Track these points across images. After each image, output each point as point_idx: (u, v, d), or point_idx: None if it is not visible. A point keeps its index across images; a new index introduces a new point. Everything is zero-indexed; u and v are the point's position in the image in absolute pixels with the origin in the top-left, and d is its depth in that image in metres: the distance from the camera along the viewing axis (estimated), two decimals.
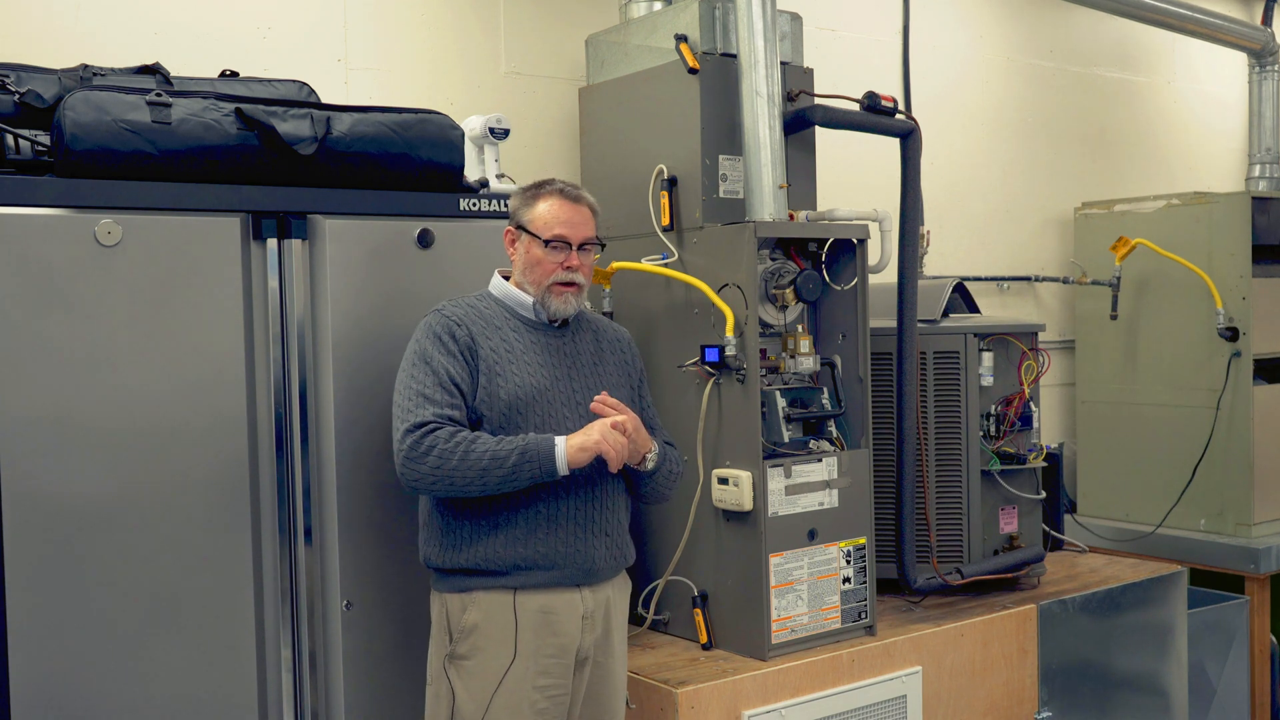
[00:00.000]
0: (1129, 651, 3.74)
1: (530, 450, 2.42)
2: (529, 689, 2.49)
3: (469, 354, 2.51)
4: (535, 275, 2.58)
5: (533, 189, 2.63)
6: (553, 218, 2.58)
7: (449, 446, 2.40)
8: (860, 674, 3.10)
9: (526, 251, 2.59)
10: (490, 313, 2.59)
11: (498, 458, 2.40)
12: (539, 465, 2.42)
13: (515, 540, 2.49)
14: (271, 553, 2.56)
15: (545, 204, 2.59)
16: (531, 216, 2.59)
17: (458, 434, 2.42)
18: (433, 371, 2.47)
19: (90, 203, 2.35)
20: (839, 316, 3.26)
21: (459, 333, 2.52)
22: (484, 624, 2.49)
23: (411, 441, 2.41)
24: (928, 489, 3.55)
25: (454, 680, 2.51)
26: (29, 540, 2.29)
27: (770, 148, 3.11)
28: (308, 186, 2.59)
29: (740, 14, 3.13)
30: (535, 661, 2.49)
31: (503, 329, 2.58)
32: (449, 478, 2.40)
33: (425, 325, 2.54)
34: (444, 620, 2.53)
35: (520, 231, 2.60)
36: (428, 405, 2.44)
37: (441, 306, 2.57)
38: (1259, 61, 5.33)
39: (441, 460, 2.39)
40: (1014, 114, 5.09)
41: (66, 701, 2.33)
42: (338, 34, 3.44)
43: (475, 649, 2.49)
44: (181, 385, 2.43)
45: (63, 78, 2.66)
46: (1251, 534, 4.59)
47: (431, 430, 2.41)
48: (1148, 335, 4.87)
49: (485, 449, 2.41)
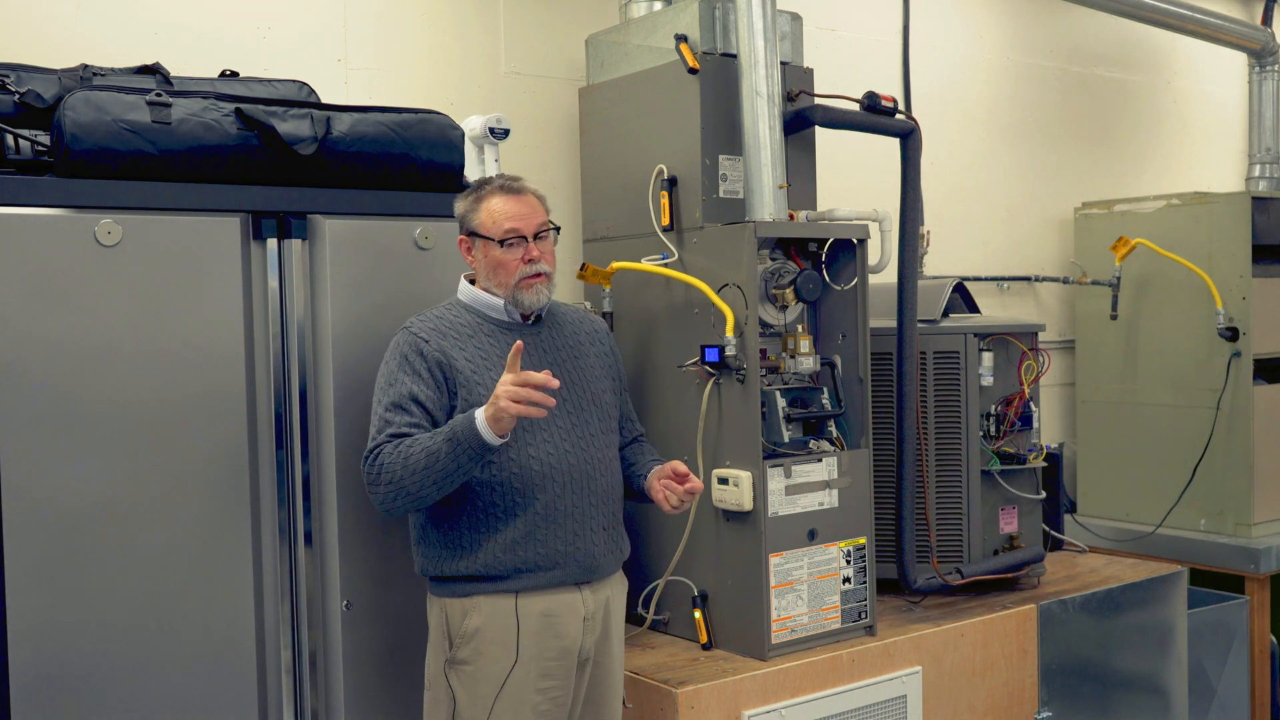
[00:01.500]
0: (1129, 651, 3.74)
1: (456, 433, 2.36)
2: (531, 692, 2.48)
3: (440, 369, 2.48)
4: (500, 277, 2.56)
5: (472, 193, 2.60)
6: (501, 214, 2.55)
7: (394, 459, 2.38)
8: (860, 674, 3.10)
9: (485, 255, 2.57)
10: (461, 321, 2.56)
11: (431, 452, 2.36)
12: (467, 444, 2.34)
13: (515, 543, 2.49)
14: (271, 553, 2.56)
15: (489, 204, 2.56)
16: (480, 220, 2.57)
17: (399, 444, 2.40)
18: (395, 393, 2.46)
19: (90, 203, 2.35)
20: (839, 316, 3.26)
21: (427, 349, 2.49)
22: (486, 628, 2.48)
23: (367, 467, 2.42)
24: (928, 489, 3.55)
25: (454, 685, 2.50)
26: (29, 540, 2.29)
27: (770, 148, 3.11)
28: (308, 186, 2.59)
29: (740, 14, 3.13)
30: (537, 664, 2.49)
31: (475, 336, 2.55)
32: (404, 490, 2.38)
33: (394, 346, 2.52)
34: (444, 625, 2.53)
35: (473, 238, 2.58)
36: (385, 429, 2.43)
37: (410, 324, 2.54)
38: (1259, 61, 5.34)
39: (390, 475, 2.38)
40: (1014, 114, 5.09)
41: (66, 701, 2.33)
42: (338, 34, 3.44)
43: (477, 653, 2.49)
44: (181, 385, 2.43)
45: (63, 78, 2.66)
46: (1251, 534, 4.59)
47: (378, 448, 2.41)
48: (1148, 335, 4.87)
49: (421, 448, 2.37)
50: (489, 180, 2.62)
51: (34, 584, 2.29)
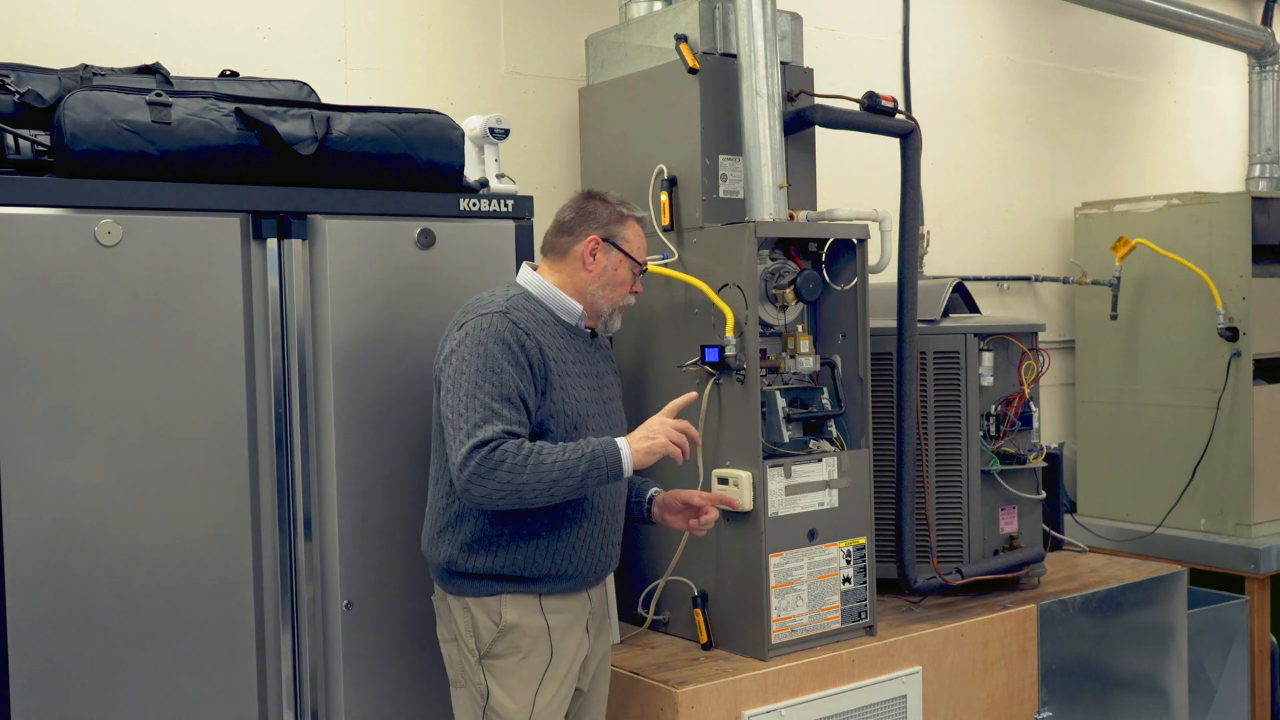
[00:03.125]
0: (1129, 651, 3.74)
1: (598, 457, 2.40)
2: (561, 687, 2.54)
3: (538, 367, 2.46)
4: (613, 293, 2.62)
5: (618, 208, 2.63)
6: (641, 245, 2.66)
7: (518, 460, 2.34)
8: (860, 674, 3.10)
9: (615, 269, 2.60)
10: (542, 316, 2.55)
11: (567, 467, 2.37)
12: (605, 471, 2.40)
13: (552, 551, 2.51)
14: (272, 553, 2.56)
15: (635, 229, 2.64)
16: (627, 237, 2.62)
17: (524, 446, 2.37)
18: (501, 384, 2.40)
19: (90, 203, 2.35)
20: (839, 316, 3.26)
21: (529, 344, 2.46)
22: (521, 624, 2.50)
23: (480, 458, 2.33)
24: (928, 489, 3.55)
25: (489, 680, 2.50)
26: (29, 540, 2.29)
27: (770, 148, 3.11)
28: (308, 186, 2.58)
29: (740, 14, 3.13)
30: (565, 662, 2.54)
31: (556, 337, 2.55)
32: (518, 491, 2.35)
33: (492, 330, 2.43)
34: (469, 624, 2.51)
35: (611, 246, 2.60)
36: (495, 420, 2.37)
37: (507, 309, 2.47)
38: (1259, 61, 5.33)
39: (512, 474, 2.34)
40: (1014, 114, 5.09)
41: (66, 701, 2.33)
42: (338, 34, 3.44)
43: (513, 648, 2.49)
44: (181, 385, 2.43)
45: (63, 78, 2.66)
46: (1251, 534, 4.59)
47: (498, 445, 2.35)
48: (1148, 335, 4.87)
49: (554, 460, 2.36)
50: (629, 202, 2.67)
51: (34, 583, 2.29)
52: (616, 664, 2.98)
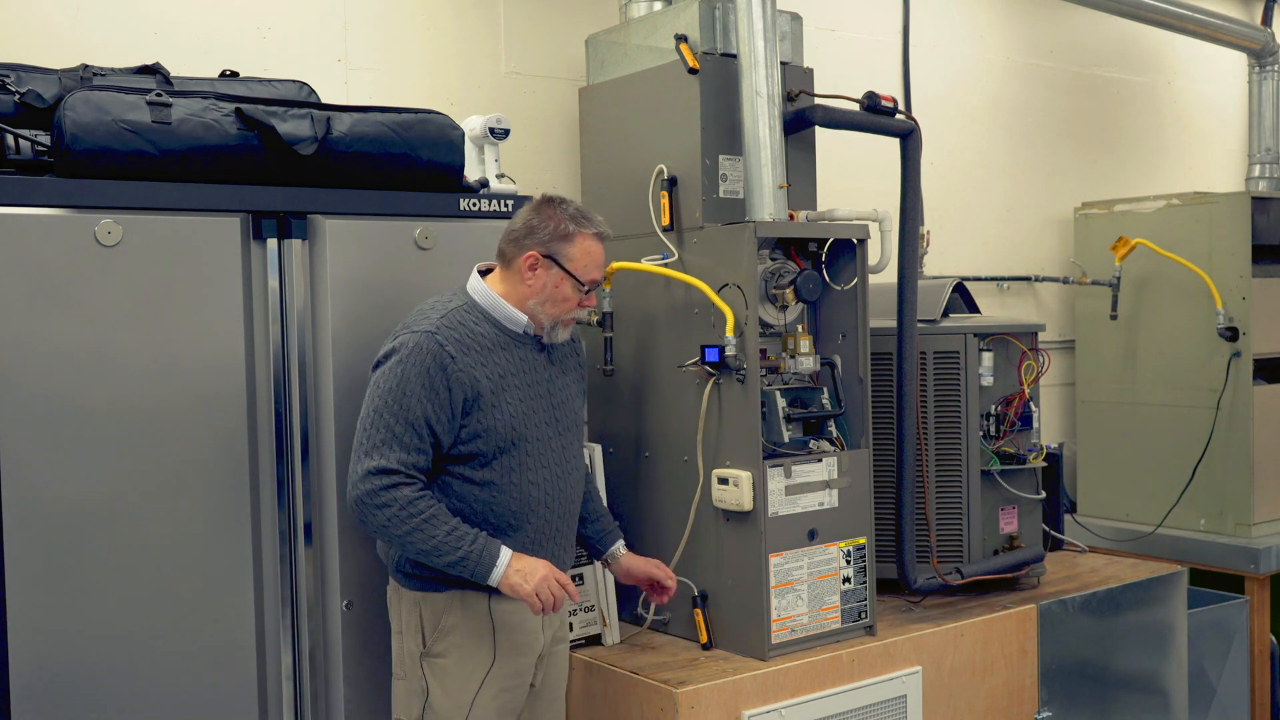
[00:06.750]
0: (1129, 651, 3.74)
1: (471, 560, 2.41)
2: (501, 690, 2.55)
3: (462, 391, 2.44)
4: (554, 309, 2.56)
5: (567, 224, 2.53)
6: (591, 262, 2.57)
7: (406, 514, 2.38)
8: (860, 674, 3.10)
9: (555, 286, 2.54)
10: (481, 332, 2.51)
11: (441, 548, 2.39)
12: (472, 573, 2.42)
13: None
14: (271, 553, 2.57)
15: (586, 245, 2.55)
16: (571, 255, 2.54)
17: (416, 502, 2.39)
18: (407, 409, 2.40)
19: (90, 203, 2.35)
20: (839, 316, 3.26)
21: (453, 368, 2.43)
22: (463, 626, 2.52)
23: (375, 487, 2.38)
24: (928, 489, 3.55)
25: (429, 677, 2.52)
26: (29, 539, 2.29)
27: (770, 148, 3.11)
28: (308, 186, 2.59)
29: (740, 14, 3.13)
30: (510, 663, 2.55)
31: (494, 350, 2.52)
32: (393, 536, 2.41)
33: (416, 352, 2.42)
34: (416, 620, 2.53)
35: (552, 263, 2.53)
36: (394, 447, 2.39)
37: (436, 328, 2.45)
38: (1259, 61, 5.34)
39: (390, 523, 2.38)
40: (1014, 114, 5.09)
41: (66, 700, 2.33)
42: (338, 34, 3.44)
43: (453, 647, 2.51)
44: (181, 385, 2.43)
45: (63, 78, 2.66)
46: (1251, 534, 4.59)
47: (394, 485, 2.38)
48: (1148, 335, 4.87)
49: (436, 533, 2.39)
50: (587, 218, 2.57)
51: (34, 584, 2.29)
52: (617, 664, 2.98)
